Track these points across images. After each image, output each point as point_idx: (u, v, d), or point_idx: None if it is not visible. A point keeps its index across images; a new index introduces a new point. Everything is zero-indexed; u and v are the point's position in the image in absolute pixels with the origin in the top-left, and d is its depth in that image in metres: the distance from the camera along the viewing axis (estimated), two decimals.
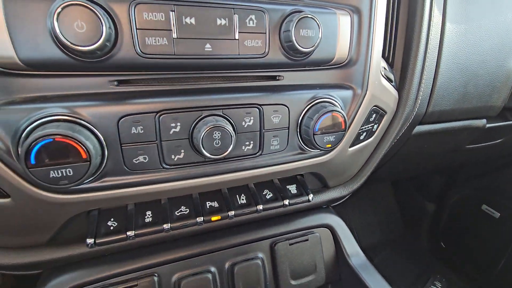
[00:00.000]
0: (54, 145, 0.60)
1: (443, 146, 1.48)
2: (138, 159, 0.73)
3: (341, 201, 1.23)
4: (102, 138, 0.68)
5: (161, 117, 0.72)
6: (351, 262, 1.04)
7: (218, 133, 0.73)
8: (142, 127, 0.70)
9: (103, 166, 0.70)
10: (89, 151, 0.63)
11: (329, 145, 0.87)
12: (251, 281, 0.96)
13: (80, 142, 0.62)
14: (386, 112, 1.05)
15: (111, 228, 0.82)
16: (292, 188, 1.03)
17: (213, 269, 0.95)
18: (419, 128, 1.29)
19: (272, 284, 1.00)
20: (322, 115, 0.82)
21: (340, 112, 0.84)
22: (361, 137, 1.02)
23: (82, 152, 0.63)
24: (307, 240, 1.04)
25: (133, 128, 0.70)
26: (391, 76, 1.01)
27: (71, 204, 0.72)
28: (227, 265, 0.97)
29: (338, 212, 1.20)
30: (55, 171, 0.62)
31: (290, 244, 1.02)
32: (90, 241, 0.78)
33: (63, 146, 0.61)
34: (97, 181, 0.71)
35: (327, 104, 0.87)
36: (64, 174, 0.63)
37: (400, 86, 1.09)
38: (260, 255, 1.01)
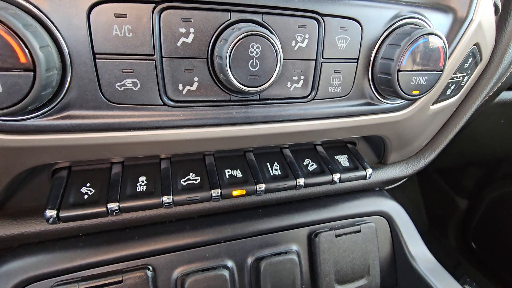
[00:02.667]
0: None
1: None
2: (124, 85, 0.44)
3: (398, 183, 0.93)
4: (60, 38, 0.40)
5: (163, 13, 0.43)
6: (416, 265, 0.76)
7: (257, 48, 0.44)
8: (130, 27, 0.42)
9: (65, 89, 0.42)
10: (33, 52, 0.35)
11: (417, 92, 0.57)
12: (283, 284, 0.69)
13: (15, 32, 0.34)
14: (482, 59, 0.74)
15: (85, 196, 0.55)
16: (343, 160, 0.74)
17: (230, 264, 0.68)
18: (506, 95, 0.97)
19: None
20: (416, 39, 0.52)
21: (442, 38, 0.54)
22: (448, 91, 0.71)
23: (18, 51, 0.35)
24: (359, 231, 0.76)
25: (115, 27, 0.41)
26: (499, 4, 0.70)
27: (14, 151, 0.45)
28: (249, 259, 0.69)
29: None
30: None
31: (337, 236, 0.73)
32: (50, 213, 0.51)
33: None
34: (56, 115, 0.43)
35: (418, 27, 0.57)
36: None
37: (500, 25, 0.78)
38: (295, 248, 0.73)
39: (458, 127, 0.85)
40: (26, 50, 0.35)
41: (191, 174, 0.62)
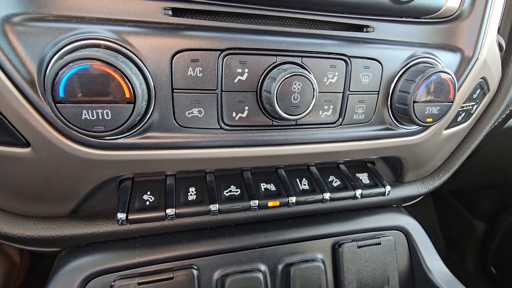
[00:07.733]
0: (91, 74, 0.45)
1: None
2: (192, 113, 0.56)
3: (414, 201, 1.00)
4: (150, 77, 0.52)
5: (226, 58, 0.55)
6: (433, 278, 0.82)
7: (299, 85, 0.55)
8: (201, 69, 0.54)
9: (148, 116, 0.54)
10: (135, 89, 0.47)
11: (430, 119, 0.67)
12: None
13: (125, 75, 0.46)
14: (489, 90, 0.83)
15: (147, 203, 0.65)
16: (364, 177, 0.83)
17: (263, 267, 0.76)
18: None
19: None
20: (429, 76, 0.62)
21: (451, 75, 0.64)
22: (459, 118, 0.80)
23: (125, 89, 0.47)
24: (379, 244, 0.83)
25: (190, 68, 0.53)
26: (503, 43, 0.79)
27: (103, 164, 0.56)
28: (280, 265, 0.77)
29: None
30: (90, 112, 0.46)
31: (359, 247, 0.81)
32: (121, 216, 0.61)
33: (103, 77, 0.45)
34: (138, 136, 0.55)
35: (430, 65, 0.67)
36: (101, 117, 0.47)
37: (505, 60, 0.87)
38: (320, 256, 0.81)
39: (470, 149, 0.93)
40: (131, 88, 0.47)
41: (232, 186, 0.72)
